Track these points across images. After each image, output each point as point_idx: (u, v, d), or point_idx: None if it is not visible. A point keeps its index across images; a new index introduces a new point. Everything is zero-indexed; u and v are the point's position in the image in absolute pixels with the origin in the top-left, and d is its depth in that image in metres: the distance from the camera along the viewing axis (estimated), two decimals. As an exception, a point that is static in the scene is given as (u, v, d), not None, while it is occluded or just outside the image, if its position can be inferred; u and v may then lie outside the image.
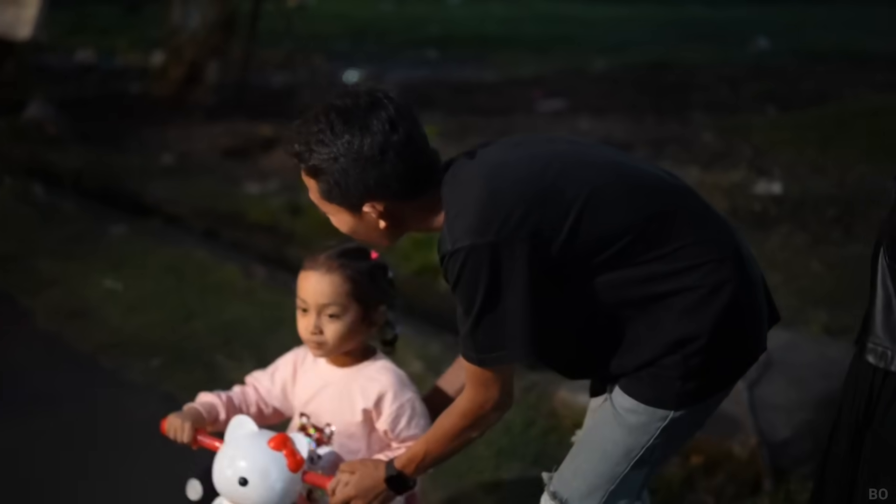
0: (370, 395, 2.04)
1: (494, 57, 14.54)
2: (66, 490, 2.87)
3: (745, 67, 12.93)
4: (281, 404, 2.15)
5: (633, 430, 1.83)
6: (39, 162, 6.93)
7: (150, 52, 11.83)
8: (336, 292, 2.00)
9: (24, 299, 4.35)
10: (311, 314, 2.01)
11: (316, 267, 2.02)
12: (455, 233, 1.75)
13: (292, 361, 2.15)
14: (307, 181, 1.85)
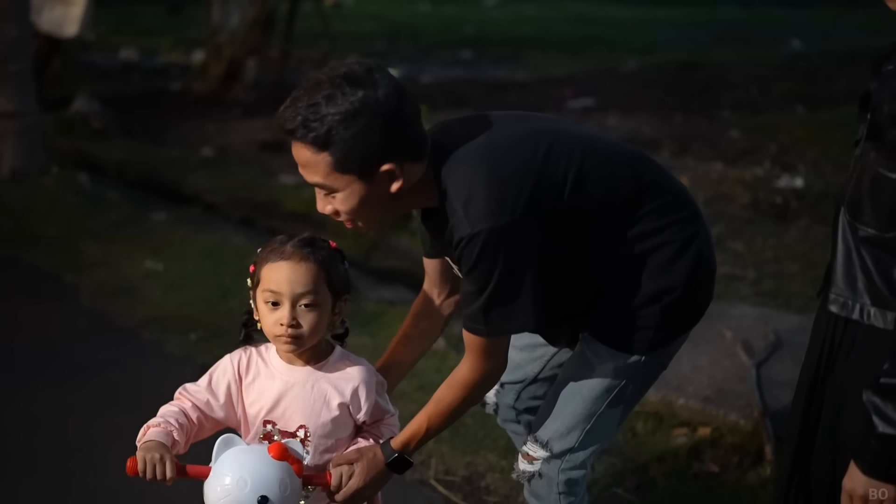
0: (345, 390, 1.93)
1: (527, 57, 14.69)
2: (103, 449, 3.08)
3: (776, 68, 12.97)
4: (225, 416, 1.94)
5: (608, 374, 2.00)
6: (85, 154, 7.21)
7: (191, 50, 12.13)
8: (313, 280, 1.86)
9: (71, 278, 4.60)
10: (285, 306, 1.84)
11: (286, 256, 1.86)
12: (472, 217, 1.80)
13: (232, 370, 1.94)
14: (311, 160, 1.80)
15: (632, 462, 3.11)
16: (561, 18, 19.73)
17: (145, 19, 16.99)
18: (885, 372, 1.54)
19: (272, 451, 1.74)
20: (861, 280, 1.63)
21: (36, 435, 3.18)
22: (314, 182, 1.84)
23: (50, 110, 7.86)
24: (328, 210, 1.88)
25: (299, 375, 1.92)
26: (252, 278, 1.92)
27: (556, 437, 2.06)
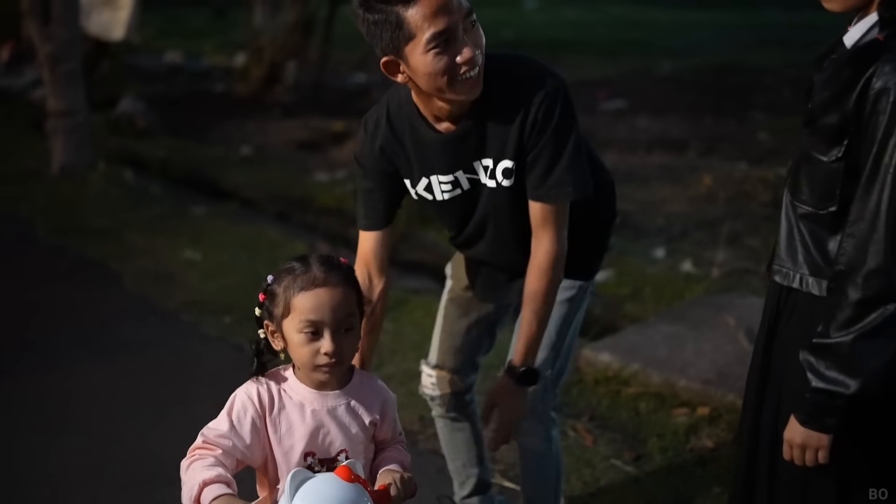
0: (373, 407, 1.87)
1: (565, 60, 14.79)
2: (145, 417, 3.35)
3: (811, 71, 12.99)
4: (251, 455, 1.82)
5: (570, 303, 2.31)
6: (130, 151, 7.54)
7: (234, 53, 12.46)
8: (352, 301, 1.80)
9: (115, 265, 4.89)
10: (327, 335, 1.76)
11: (321, 283, 1.77)
12: (544, 74, 2.04)
13: (254, 408, 1.81)
14: None
15: (632, 438, 3.30)
16: (601, 22, 19.82)
17: (191, 23, 17.41)
18: (818, 333, 1.73)
19: (342, 475, 1.67)
20: (801, 252, 1.81)
21: (83, 404, 3.45)
22: (460, 18, 1.95)
23: (98, 110, 8.20)
24: (474, 49, 1.97)
25: (331, 400, 1.83)
26: (266, 308, 1.82)
27: (545, 366, 2.30)
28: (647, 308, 4.53)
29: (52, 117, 6.60)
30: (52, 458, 3.09)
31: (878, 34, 1.71)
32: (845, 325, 1.68)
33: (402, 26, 1.93)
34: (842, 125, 1.69)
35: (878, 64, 1.64)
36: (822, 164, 1.75)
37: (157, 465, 2.97)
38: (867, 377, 1.68)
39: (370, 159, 2.19)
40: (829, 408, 1.72)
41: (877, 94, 1.64)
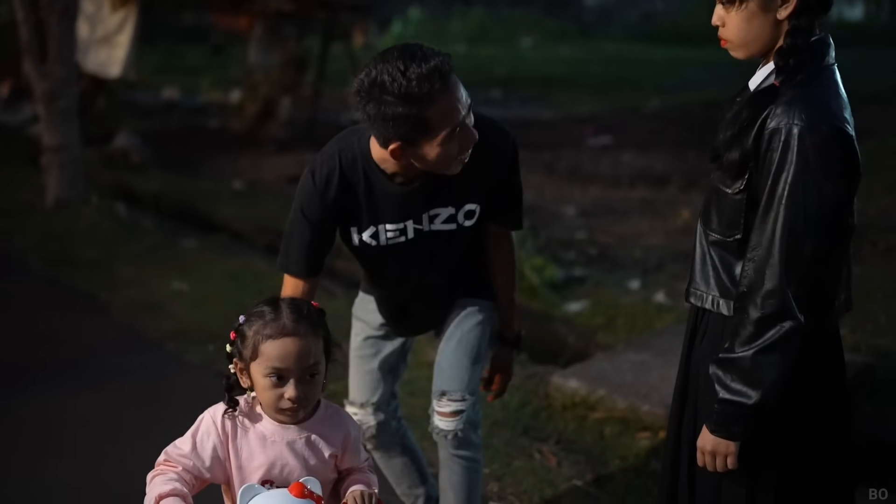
0: (335, 440, 1.96)
1: (556, 96, 15.08)
2: (127, 437, 3.48)
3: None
4: (212, 476, 1.92)
5: (487, 323, 2.54)
6: (124, 185, 7.73)
7: (230, 90, 12.71)
8: (316, 352, 1.88)
9: (105, 296, 5.04)
10: (291, 382, 1.85)
11: (289, 332, 1.84)
12: (500, 128, 2.32)
13: (216, 430, 1.91)
14: None
15: (595, 460, 3.43)
16: (594, 59, 20.13)
17: (190, 59, 17.69)
18: (724, 349, 1.88)
19: (294, 492, 1.79)
20: (712, 276, 1.96)
21: (68, 427, 3.58)
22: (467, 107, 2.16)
23: (94, 145, 8.40)
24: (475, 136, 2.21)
25: (292, 434, 1.92)
26: (237, 347, 1.91)
27: (472, 382, 2.50)
28: (619, 337, 4.68)
29: (47, 152, 6.78)
30: (37, 478, 3.21)
31: (775, 80, 1.88)
32: (747, 342, 1.83)
33: (422, 124, 2.05)
34: (743, 160, 1.85)
35: (773, 106, 1.81)
36: (727, 196, 1.91)
37: (138, 485, 3.09)
38: (766, 388, 1.82)
39: (318, 212, 2.26)
40: (735, 417, 1.86)
41: (771, 133, 1.80)
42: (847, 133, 1.79)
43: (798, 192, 1.78)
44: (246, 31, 11.39)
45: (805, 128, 1.76)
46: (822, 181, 1.77)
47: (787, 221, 1.78)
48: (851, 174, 1.81)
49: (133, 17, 8.58)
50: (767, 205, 1.81)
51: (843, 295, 1.97)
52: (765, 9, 1.83)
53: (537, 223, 6.70)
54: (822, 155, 1.76)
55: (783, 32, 1.83)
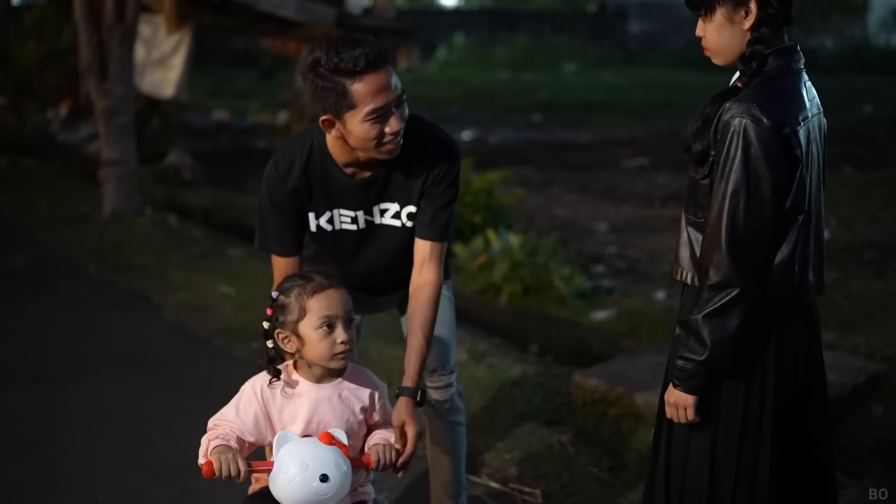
0: (364, 396, 2.18)
1: (596, 121, 15.32)
2: (177, 421, 3.77)
3: (837, 131, 13.30)
4: (255, 439, 2.15)
5: (452, 298, 2.78)
6: (175, 200, 8.09)
7: (277, 112, 13.14)
8: (350, 299, 2.14)
9: (157, 298, 5.37)
10: (340, 327, 2.08)
11: (327, 286, 2.11)
12: (445, 138, 2.47)
13: (256, 399, 2.14)
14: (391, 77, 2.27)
15: (612, 451, 3.64)
16: (636, 85, 20.33)
17: (239, 83, 18.22)
18: (685, 312, 2.12)
19: (322, 439, 2.04)
20: (689, 254, 2.20)
21: (123, 411, 3.88)
22: (400, 93, 2.28)
23: (147, 162, 8.80)
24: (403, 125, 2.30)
25: (327, 391, 2.15)
26: (276, 319, 2.13)
27: (453, 355, 2.76)
28: (642, 343, 4.88)
29: (105, 166, 7.16)
30: (94, 453, 3.51)
31: (738, 82, 2.13)
32: (700, 306, 2.07)
33: (346, 96, 2.24)
34: (705, 151, 2.09)
35: (728, 103, 2.05)
36: (697, 182, 2.15)
37: (184, 460, 3.39)
38: (714, 347, 2.06)
39: (281, 197, 2.47)
40: (691, 372, 2.10)
41: (724, 125, 2.05)
42: (785, 128, 2.02)
43: (741, 177, 2.01)
44: (294, 55, 11.79)
45: (749, 121, 2.00)
46: (762, 167, 2.00)
47: (731, 201, 2.03)
48: (789, 163, 2.04)
49: (188, 41, 8.99)
50: (717, 187, 2.06)
51: (814, 278, 2.18)
52: (730, 21, 2.08)
53: (569, 238, 6.93)
54: (763, 145, 2.00)
55: (747, 41, 2.08)
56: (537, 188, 8.92)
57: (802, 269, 2.14)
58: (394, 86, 2.28)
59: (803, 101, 2.09)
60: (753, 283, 2.06)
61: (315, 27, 10.37)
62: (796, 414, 2.18)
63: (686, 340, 2.11)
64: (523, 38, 29.56)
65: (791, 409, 2.17)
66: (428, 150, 2.45)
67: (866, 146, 11.87)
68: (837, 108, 17.15)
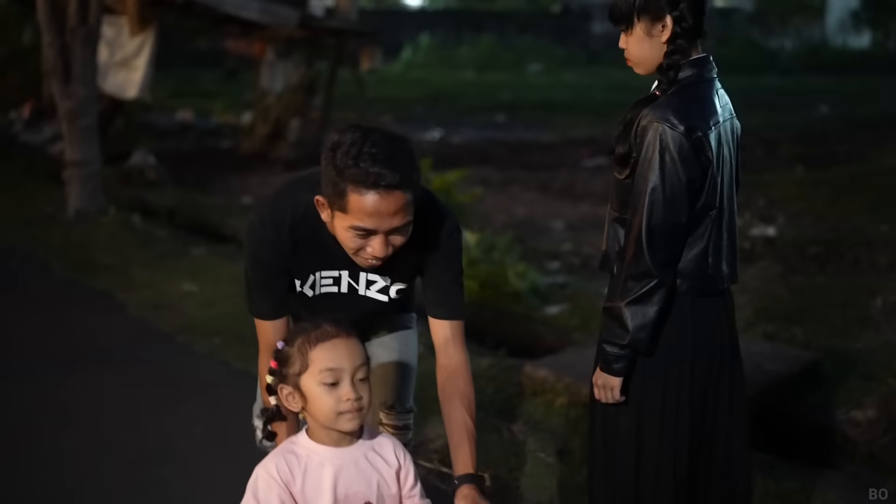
0: (389, 456, 1.96)
1: (558, 120, 15.55)
2: (142, 413, 3.90)
3: (791, 131, 13.68)
4: None
5: (415, 331, 2.60)
6: (140, 200, 8.19)
7: (242, 112, 13.23)
8: (363, 351, 1.90)
9: (121, 296, 5.48)
10: (345, 382, 1.84)
11: (334, 335, 1.87)
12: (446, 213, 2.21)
13: (275, 482, 1.87)
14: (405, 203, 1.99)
15: (559, 438, 3.82)
16: (598, 86, 20.59)
17: (204, 83, 18.26)
18: (609, 300, 2.30)
19: None
20: (616, 248, 2.39)
21: (89, 404, 4.00)
22: (400, 224, 2.02)
23: (111, 163, 8.88)
24: (390, 251, 2.05)
25: (348, 454, 1.91)
26: (279, 373, 1.90)
27: (412, 392, 2.59)
28: (593, 336, 5.07)
29: (68, 167, 7.24)
30: (61, 444, 3.63)
31: (656, 90, 2.32)
32: (622, 294, 2.26)
33: (342, 197, 1.99)
34: (627, 153, 2.28)
35: (647, 109, 2.24)
36: (620, 182, 2.34)
37: (148, 450, 3.54)
38: (635, 331, 2.25)
39: (269, 256, 2.19)
40: (614, 356, 2.28)
41: (642, 130, 2.24)
42: (696, 132, 2.20)
43: (657, 175, 2.20)
44: (258, 56, 11.91)
45: (665, 126, 2.19)
46: (676, 168, 2.19)
47: (648, 199, 2.21)
48: (700, 165, 2.23)
49: (150, 42, 9.07)
50: (637, 186, 2.24)
51: (728, 269, 2.38)
52: (649, 34, 2.27)
53: (526, 235, 7.12)
54: (677, 148, 2.19)
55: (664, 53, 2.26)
56: (497, 187, 9.11)
57: (716, 260, 2.33)
58: (397, 215, 2.01)
59: (715, 107, 2.28)
60: (670, 273, 2.24)
61: (279, 28, 10.50)
62: (713, 392, 2.37)
63: (610, 326, 2.29)
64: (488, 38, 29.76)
65: (708, 387, 2.36)
66: (426, 224, 2.17)
67: (818, 145, 12.18)
68: (794, 107, 17.65)
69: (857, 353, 4.64)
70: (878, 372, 4.34)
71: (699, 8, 2.27)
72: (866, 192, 8.34)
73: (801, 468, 3.63)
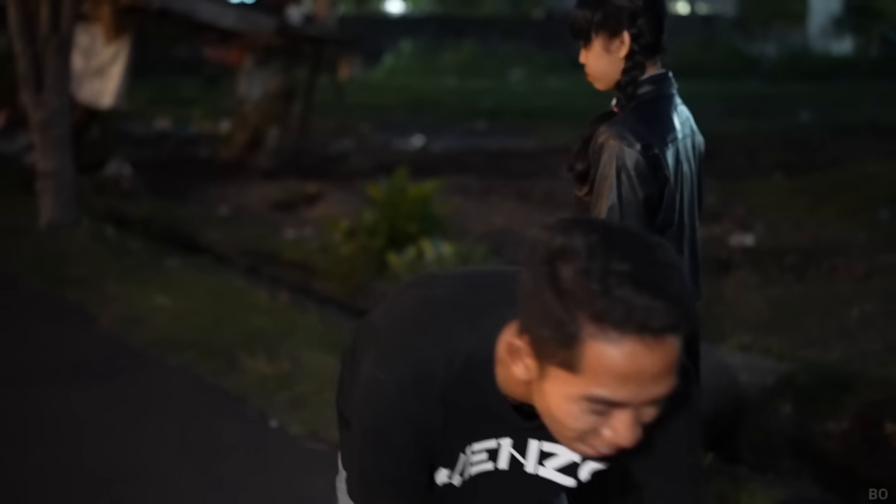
0: None
1: (539, 128, 15.56)
2: (113, 433, 3.83)
3: (771, 138, 13.72)
4: None
5: None
6: (114, 211, 8.11)
7: (220, 120, 13.17)
8: None
9: (92, 309, 5.40)
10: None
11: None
12: None
13: None
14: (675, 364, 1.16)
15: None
16: (580, 92, 20.43)
17: (183, 91, 18.16)
18: None
19: None
20: None
21: (58, 419, 3.94)
22: (663, 392, 1.19)
23: (86, 173, 8.79)
24: (638, 435, 1.23)
25: None
26: None
27: None
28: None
29: (41, 177, 7.15)
30: (29, 460, 3.57)
31: (615, 106, 2.29)
32: None
33: (570, 346, 1.17)
34: (585, 170, 2.25)
35: (604, 126, 2.21)
36: (580, 199, 2.31)
37: (119, 467, 3.48)
38: None
39: (415, 443, 1.38)
40: None
41: (599, 147, 2.21)
42: (652, 149, 2.18)
43: (614, 192, 2.17)
44: (236, 63, 11.85)
45: (622, 143, 2.16)
46: (633, 185, 2.16)
47: (607, 217, 2.19)
48: (657, 181, 2.20)
49: (126, 50, 9.00)
50: (595, 203, 2.22)
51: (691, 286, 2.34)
52: (607, 50, 2.24)
53: (504, 245, 7.09)
54: (633, 165, 2.16)
55: (622, 69, 2.24)
56: (476, 196, 9.08)
57: (690, 279, 2.30)
58: (663, 377, 1.17)
59: (673, 124, 2.25)
60: None
61: (257, 36, 10.45)
62: None
63: None
64: (470, 44, 29.81)
65: None
66: None
67: (799, 152, 12.22)
68: (775, 114, 17.74)
69: (833, 363, 4.63)
70: (853, 383, 4.32)
71: (658, 24, 2.24)
72: (845, 199, 8.36)
73: (776, 481, 3.60)
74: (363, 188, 7.34)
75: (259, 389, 4.21)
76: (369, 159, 11.23)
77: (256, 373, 4.36)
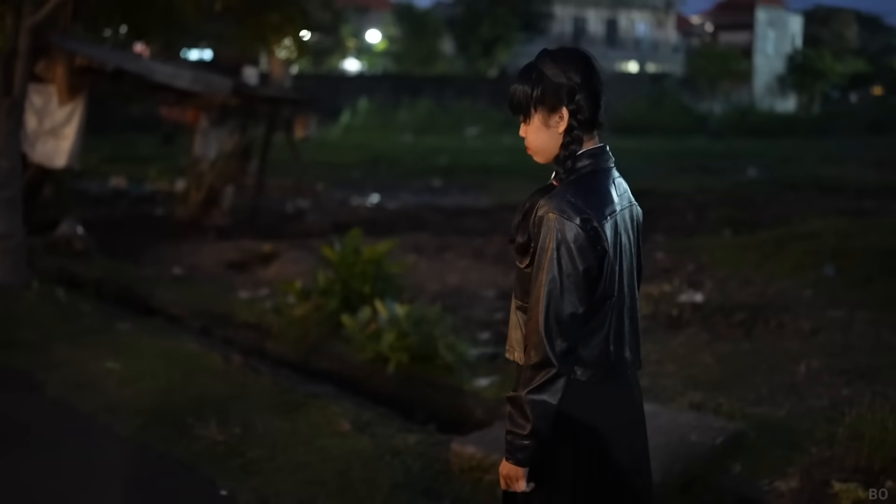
0: None
1: (494, 185, 15.73)
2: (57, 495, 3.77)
3: (719, 195, 14.01)
4: None
5: None
6: (66, 271, 8.03)
7: (176, 178, 13.13)
8: None
9: (40, 374, 5.32)
10: None
11: None
12: None
13: None
14: None
15: None
16: (534, 149, 20.89)
17: (140, 149, 18.11)
18: (512, 389, 2.29)
19: None
20: (518, 335, 2.38)
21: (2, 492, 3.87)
22: None
23: (39, 232, 8.71)
24: None
25: None
26: None
27: None
28: (522, 409, 5.05)
29: (-9, 239, 7.08)
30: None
31: (554, 179, 2.35)
32: (523, 384, 2.25)
33: None
34: (526, 242, 2.29)
35: (544, 199, 2.26)
36: (521, 271, 2.35)
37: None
38: (536, 421, 2.23)
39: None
40: (518, 446, 2.26)
41: (539, 220, 2.25)
42: (591, 223, 2.23)
43: (554, 265, 2.21)
44: (192, 122, 11.86)
45: (561, 217, 2.21)
46: (572, 258, 2.20)
47: (546, 289, 2.22)
48: (596, 254, 2.25)
49: (80, 111, 8.97)
50: (535, 276, 2.25)
51: (630, 355, 2.39)
52: (546, 125, 2.30)
53: (459, 304, 7.12)
54: (573, 239, 2.20)
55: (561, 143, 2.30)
56: (431, 254, 9.13)
57: (618, 347, 2.34)
58: None
59: (611, 197, 2.31)
60: (570, 362, 2.24)
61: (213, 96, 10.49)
62: (623, 476, 2.36)
63: (513, 416, 2.27)
64: (426, 102, 30.14)
65: (617, 472, 2.35)
66: None
67: (746, 209, 12.48)
68: (723, 170, 18.12)
69: (782, 420, 4.70)
70: (801, 440, 4.38)
71: (595, 100, 2.30)
72: (791, 256, 8.53)
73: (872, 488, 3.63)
74: (318, 247, 7.35)
75: (209, 456, 4.18)
76: (325, 217, 11.26)
77: (206, 439, 4.33)
